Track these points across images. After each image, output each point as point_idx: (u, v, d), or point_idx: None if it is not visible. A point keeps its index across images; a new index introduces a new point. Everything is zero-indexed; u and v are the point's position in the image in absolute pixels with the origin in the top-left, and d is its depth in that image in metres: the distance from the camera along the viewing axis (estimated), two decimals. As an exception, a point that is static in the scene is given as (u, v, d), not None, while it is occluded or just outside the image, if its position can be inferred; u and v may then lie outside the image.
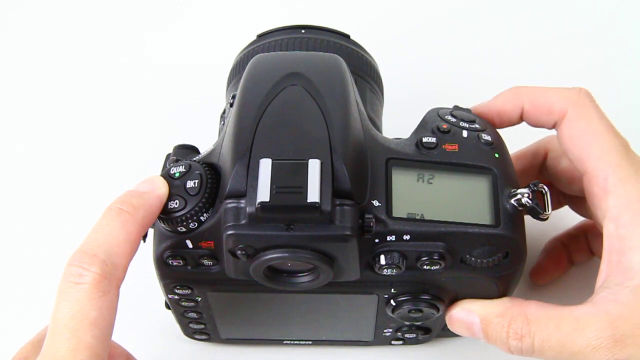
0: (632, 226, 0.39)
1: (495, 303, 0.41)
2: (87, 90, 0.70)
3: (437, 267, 0.39)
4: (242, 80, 0.40)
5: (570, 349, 0.38)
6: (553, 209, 0.41)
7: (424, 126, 0.43)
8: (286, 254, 0.36)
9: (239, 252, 0.36)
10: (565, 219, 0.52)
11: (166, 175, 0.38)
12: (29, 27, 0.76)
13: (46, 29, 0.76)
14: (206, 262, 0.39)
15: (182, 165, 0.38)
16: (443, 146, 0.41)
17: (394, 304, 0.42)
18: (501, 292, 0.42)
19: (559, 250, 0.52)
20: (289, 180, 0.35)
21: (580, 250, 0.52)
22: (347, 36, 0.53)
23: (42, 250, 0.57)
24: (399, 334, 0.47)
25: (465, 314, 0.42)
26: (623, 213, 0.39)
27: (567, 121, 0.42)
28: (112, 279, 0.34)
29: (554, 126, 0.44)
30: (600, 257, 0.41)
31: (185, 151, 0.42)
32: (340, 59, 0.42)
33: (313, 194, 0.34)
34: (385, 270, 0.39)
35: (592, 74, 0.69)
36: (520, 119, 0.45)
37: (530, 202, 0.39)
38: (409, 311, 0.43)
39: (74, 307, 0.33)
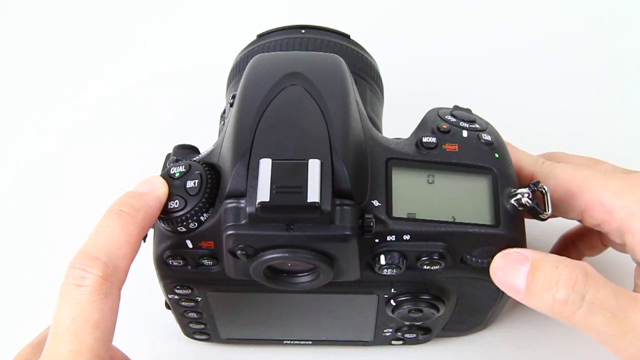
0: None
1: (550, 254, 0.38)
2: (87, 90, 0.70)
3: (437, 267, 0.39)
4: (242, 80, 0.40)
5: (622, 324, 0.35)
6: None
7: (424, 126, 0.43)
8: (286, 254, 0.36)
9: (239, 252, 0.36)
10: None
11: (166, 175, 0.38)
12: (29, 28, 0.76)
13: (47, 30, 0.76)
14: (206, 262, 0.39)
15: (182, 165, 0.38)
16: (443, 146, 0.41)
17: (394, 304, 0.42)
18: (501, 292, 0.42)
19: (568, 249, 0.52)
20: (289, 180, 0.35)
21: (592, 247, 0.52)
22: (347, 36, 0.53)
23: (43, 252, 0.57)
24: (399, 334, 0.47)
25: (517, 256, 0.37)
26: None
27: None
28: (113, 281, 0.34)
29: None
30: (615, 247, 0.40)
31: (185, 151, 0.42)
32: (340, 59, 0.42)
33: (313, 194, 0.34)
34: (385, 270, 0.39)
35: (591, 74, 0.69)
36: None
37: (530, 202, 0.39)
38: (409, 311, 0.43)
39: (76, 309, 0.33)
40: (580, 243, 0.52)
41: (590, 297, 0.35)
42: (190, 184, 0.38)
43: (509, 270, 0.38)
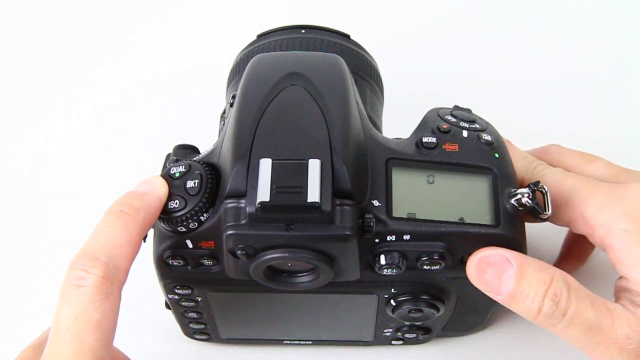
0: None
1: (530, 257, 0.38)
2: (86, 90, 0.70)
3: (437, 267, 0.39)
4: (242, 80, 0.40)
5: (596, 336, 0.37)
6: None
7: (424, 126, 0.42)
8: (286, 254, 0.36)
9: (239, 252, 0.36)
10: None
11: (166, 175, 0.38)
12: (30, 28, 0.76)
13: (47, 30, 0.76)
14: (206, 262, 0.39)
15: (182, 165, 0.38)
16: (443, 146, 0.41)
17: (394, 304, 0.42)
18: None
19: (580, 240, 0.52)
20: (289, 180, 0.35)
21: None
22: (347, 36, 0.53)
23: (43, 252, 0.57)
24: (399, 334, 0.47)
25: (501, 258, 0.38)
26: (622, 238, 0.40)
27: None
28: (114, 282, 0.34)
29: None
30: None
31: (185, 151, 0.42)
32: (340, 59, 0.42)
33: (313, 194, 0.34)
34: (385, 270, 0.39)
35: (591, 74, 0.69)
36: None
37: (530, 202, 0.39)
38: (409, 311, 0.43)
39: (77, 310, 0.33)
40: None
41: (571, 312, 0.37)
42: (190, 184, 0.38)
43: (490, 271, 0.38)
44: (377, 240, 0.38)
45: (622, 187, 0.41)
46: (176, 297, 0.43)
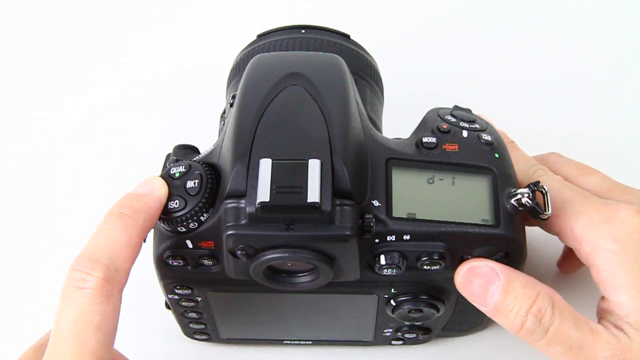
0: (614, 267, 0.39)
1: (518, 272, 0.39)
2: (87, 90, 0.70)
3: (437, 267, 0.39)
4: (242, 81, 0.40)
5: (576, 356, 0.37)
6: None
7: (424, 126, 0.42)
8: (286, 254, 0.36)
9: (239, 252, 0.36)
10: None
11: (166, 175, 0.38)
12: (29, 27, 0.77)
13: (47, 30, 0.76)
14: (206, 262, 0.39)
15: (182, 165, 0.38)
16: (443, 146, 0.41)
17: (394, 304, 0.42)
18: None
19: None
20: (289, 180, 0.35)
21: None
22: (347, 36, 0.53)
23: (44, 255, 0.56)
24: (399, 334, 0.47)
25: (489, 271, 0.38)
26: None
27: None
28: (115, 283, 0.34)
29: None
30: None
31: (185, 151, 0.42)
32: (340, 59, 0.42)
33: (313, 194, 0.34)
34: (385, 270, 0.39)
35: (591, 74, 0.69)
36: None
37: (530, 202, 0.39)
38: (409, 311, 0.43)
39: (77, 311, 0.33)
40: None
41: (553, 330, 0.37)
42: (190, 184, 0.38)
43: (478, 282, 0.39)
44: (377, 240, 0.38)
45: (614, 206, 0.41)
46: (176, 297, 0.43)
